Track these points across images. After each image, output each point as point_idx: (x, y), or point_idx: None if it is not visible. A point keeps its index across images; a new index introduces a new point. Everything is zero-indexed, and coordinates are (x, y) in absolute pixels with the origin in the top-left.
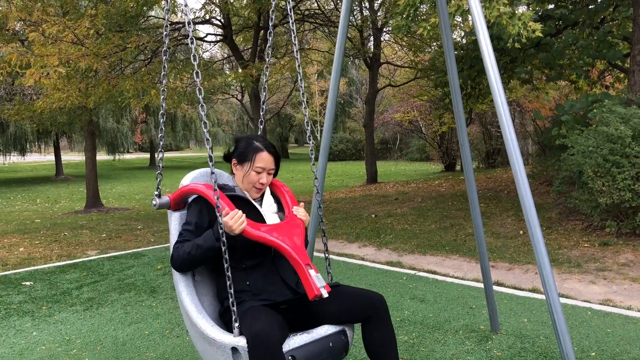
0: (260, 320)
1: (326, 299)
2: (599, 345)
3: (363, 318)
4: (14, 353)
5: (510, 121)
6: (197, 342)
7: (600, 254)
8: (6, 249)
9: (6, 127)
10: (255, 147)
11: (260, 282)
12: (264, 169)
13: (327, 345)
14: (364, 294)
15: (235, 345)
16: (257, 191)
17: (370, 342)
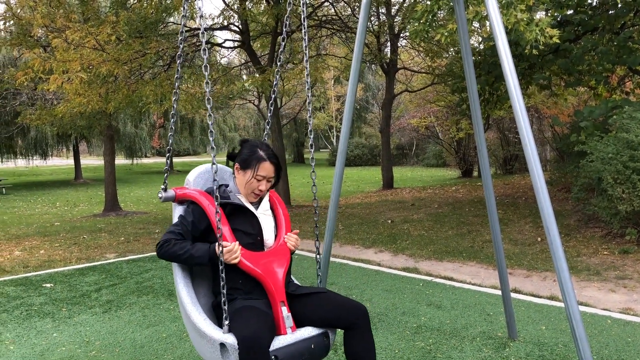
0: (251, 324)
1: (313, 302)
2: (619, 355)
3: (345, 325)
4: (35, 353)
5: (528, 127)
6: (190, 332)
7: (620, 262)
8: (27, 251)
9: (27, 131)
10: (258, 156)
11: (252, 282)
12: (265, 177)
13: (309, 346)
14: (348, 304)
15: (224, 342)
16: (256, 197)
17: (351, 349)
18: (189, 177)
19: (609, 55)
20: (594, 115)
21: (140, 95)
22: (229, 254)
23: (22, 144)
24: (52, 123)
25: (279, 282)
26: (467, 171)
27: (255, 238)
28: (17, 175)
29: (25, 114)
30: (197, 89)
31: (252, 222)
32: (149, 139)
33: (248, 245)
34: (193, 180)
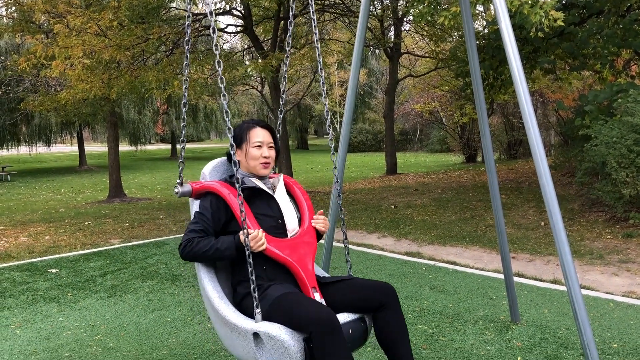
0: (316, 306)
1: (341, 289)
2: (621, 337)
3: (376, 306)
4: (41, 337)
5: (532, 111)
6: (219, 327)
7: (623, 246)
8: (32, 237)
9: (31, 118)
10: (246, 126)
11: (275, 269)
12: (263, 143)
13: (347, 332)
14: (376, 285)
15: (257, 331)
16: (264, 166)
17: (384, 330)
18: (204, 170)
19: (614, 38)
20: (598, 99)
21: (143, 81)
22: (254, 240)
23: (26, 131)
24: (56, 109)
25: (309, 268)
26: (470, 156)
27: (277, 221)
28: (22, 162)
29: (28, 100)
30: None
31: (270, 205)
32: (152, 126)
33: (271, 228)
34: (209, 174)
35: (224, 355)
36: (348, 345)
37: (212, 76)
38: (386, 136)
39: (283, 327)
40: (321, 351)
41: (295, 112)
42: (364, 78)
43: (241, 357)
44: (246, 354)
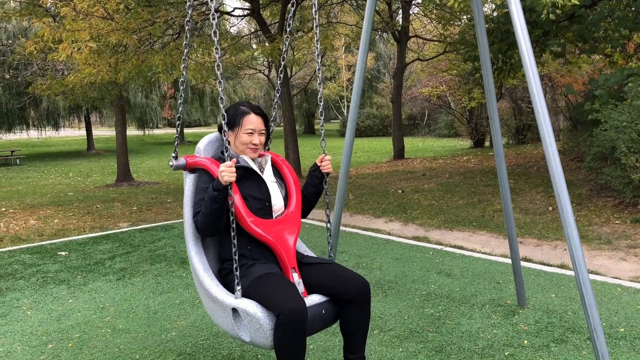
0: (289, 294)
1: (318, 272)
2: (628, 322)
3: (347, 299)
4: (51, 319)
5: (541, 94)
6: (203, 297)
7: (631, 231)
8: (42, 221)
9: (39, 102)
10: (241, 111)
11: (260, 249)
12: (254, 130)
13: (320, 312)
14: (353, 278)
15: (236, 307)
16: (252, 151)
17: (347, 320)
18: (199, 145)
19: (626, 21)
20: (609, 83)
21: (150, 65)
22: (226, 169)
23: (34, 115)
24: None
25: (291, 249)
26: (478, 141)
27: (264, 203)
28: (31, 147)
29: (36, 84)
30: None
31: (260, 187)
32: (160, 110)
33: (258, 210)
34: (203, 148)
35: (231, 337)
36: (319, 325)
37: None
38: (393, 121)
39: (259, 306)
40: (279, 333)
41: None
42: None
43: (220, 325)
44: (225, 325)
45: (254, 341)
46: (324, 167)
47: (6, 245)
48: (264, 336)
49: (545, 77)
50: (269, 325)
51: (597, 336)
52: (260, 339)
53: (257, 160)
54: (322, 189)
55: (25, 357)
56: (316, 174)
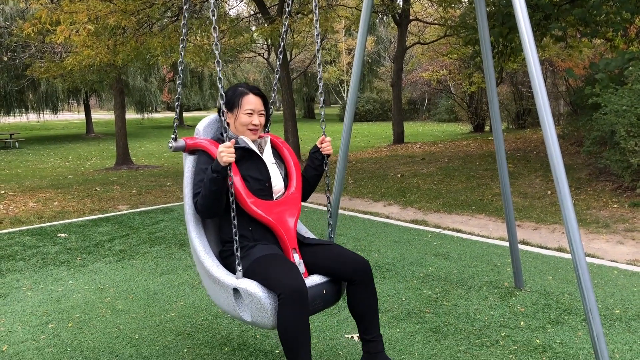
0: (290, 273)
1: (319, 253)
2: (624, 304)
3: (347, 279)
4: (51, 299)
5: (541, 78)
6: (204, 279)
7: (629, 215)
8: (41, 203)
9: (38, 85)
10: (240, 92)
11: (261, 230)
12: (254, 111)
13: (321, 292)
14: (350, 258)
15: (237, 287)
16: (252, 133)
17: (354, 303)
18: (199, 126)
19: (628, 4)
20: (609, 67)
21: (149, 48)
22: (225, 149)
23: (32, 98)
24: (62, 76)
25: (291, 230)
26: (478, 126)
27: (264, 184)
28: (29, 130)
29: (35, 67)
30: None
31: (260, 168)
32: (159, 93)
33: (257, 191)
34: (202, 130)
35: (230, 318)
36: (320, 305)
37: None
38: (394, 105)
39: (260, 286)
40: (281, 314)
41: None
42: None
43: (222, 307)
44: (226, 305)
45: (255, 321)
46: (324, 148)
47: (6, 227)
48: (265, 316)
49: (546, 62)
50: (270, 304)
51: (592, 317)
52: (262, 319)
53: (257, 142)
54: (323, 171)
55: (26, 337)
56: (316, 156)
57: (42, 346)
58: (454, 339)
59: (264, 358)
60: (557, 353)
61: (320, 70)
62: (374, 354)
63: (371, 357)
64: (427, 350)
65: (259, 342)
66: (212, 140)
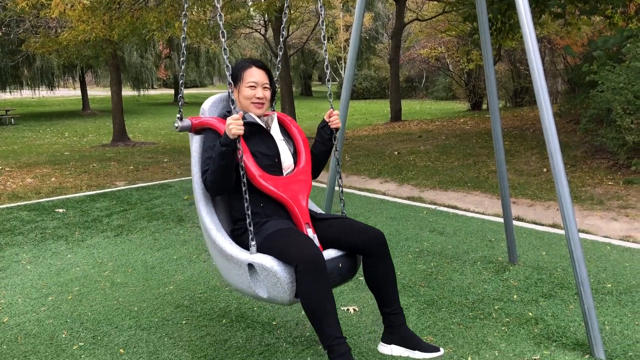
0: (305, 244)
1: (333, 227)
2: (616, 278)
3: (363, 251)
4: (51, 273)
5: (538, 53)
6: (216, 258)
7: (624, 192)
8: (38, 179)
9: (32, 60)
10: (242, 65)
11: (272, 206)
12: (257, 84)
13: (337, 265)
14: (366, 231)
15: (252, 262)
16: (257, 106)
17: (371, 275)
18: (204, 106)
19: None
20: (608, 44)
21: (144, 23)
22: (234, 121)
23: (27, 74)
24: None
25: (303, 205)
26: (476, 104)
27: (273, 160)
28: (25, 106)
29: (29, 42)
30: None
31: (268, 143)
32: (155, 70)
33: (267, 167)
34: (208, 109)
35: (228, 290)
36: (337, 279)
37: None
38: (391, 82)
39: (276, 260)
40: (301, 285)
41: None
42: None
43: (237, 286)
44: (241, 283)
45: (271, 297)
46: (333, 122)
47: (4, 202)
48: (282, 290)
49: (544, 39)
50: (286, 278)
51: (583, 290)
52: (279, 294)
53: (263, 119)
54: (332, 145)
55: (26, 309)
56: (325, 131)
57: (42, 318)
58: (447, 312)
59: (261, 329)
60: (549, 325)
61: (325, 43)
62: (397, 326)
63: (393, 331)
64: (421, 322)
65: (256, 314)
66: (219, 117)
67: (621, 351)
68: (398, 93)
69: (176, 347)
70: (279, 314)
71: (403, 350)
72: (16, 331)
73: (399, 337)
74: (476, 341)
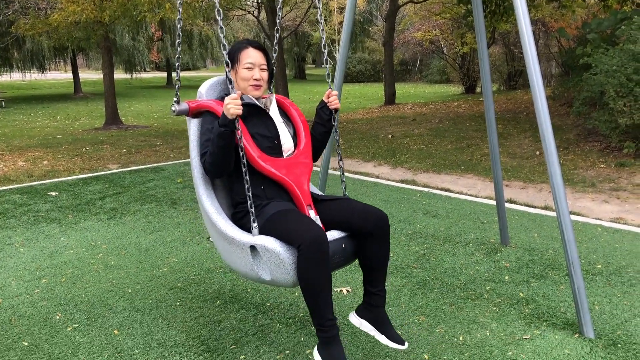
0: (308, 224)
1: (336, 208)
2: (606, 259)
3: (366, 233)
4: (44, 255)
5: (531, 35)
6: (218, 242)
7: (615, 175)
8: (30, 162)
9: (23, 42)
10: (238, 46)
11: (273, 188)
12: (254, 64)
13: (341, 246)
14: (370, 212)
15: (254, 244)
16: (254, 88)
17: (368, 256)
18: (201, 89)
19: None
20: (602, 27)
21: (135, 4)
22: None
23: (18, 56)
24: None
25: (304, 187)
26: (470, 87)
27: (273, 141)
28: (15, 89)
29: (19, 23)
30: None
31: (267, 125)
32: (147, 52)
33: (267, 149)
34: (205, 92)
35: (222, 272)
36: (341, 260)
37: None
38: (385, 65)
39: (278, 241)
40: (303, 266)
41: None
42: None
43: (239, 269)
44: (243, 266)
45: (274, 279)
46: (332, 103)
47: None
48: (285, 272)
49: (538, 22)
50: (289, 259)
51: (574, 270)
52: (282, 275)
53: (261, 101)
54: (332, 127)
55: (20, 291)
56: (324, 111)
57: (36, 300)
58: (439, 292)
59: (255, 310)
60: (540, 305)
61: (322, 22)
62: (375, 307)
63: (371, 309)
64: (413, 303)
65: (250, 296)
66: (217, 100)
67: (610, 330)
68: (392, 77)
69: (170, 328)
70: (273, 295)
71: (371, 329)
72: (10, 313)
73: (372, 317)
74: (467, 321)
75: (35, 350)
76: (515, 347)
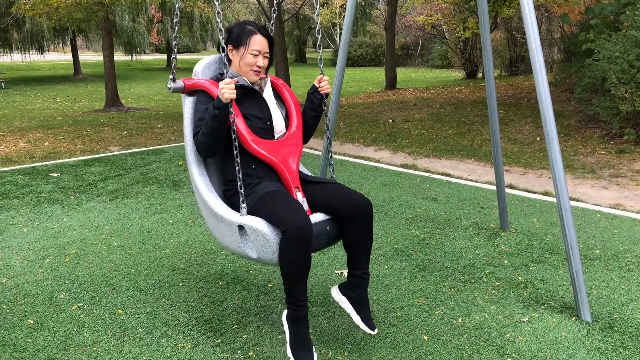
0: (295, 209)
1: (322, 191)
2: (604, 244)
3: (350, 217)
4: (47, 236)
5: (535, 20)
6: (208, 219)
7: (615, 161)
8: (32, 143)
9: (22, 23)
10: (249, 30)
11: (264, 168)
12: (260, 52)
13: (325, 228)
14: (354, 198)
15: (242, 224)
16: (255, 74)
17: (351, 239)
18: (197, 68)
19: None
20: (605, 12)
21: None
22: (226, 86)
23: (17, 37)
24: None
25: (293, 169)
26: (471, 72)
27: (265, 123)
28: (15, 70)
29: (19, 4)
30: None
31: (261, 106)
32: (147, 34)
33: (259, 130)
34: (201, 71)
35: (224, 254)
36: (325, 241)
37: None
38: (387, 49)
39: (265, 222)
40: (285, 249)
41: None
42: None
43: (228, 246)
44: (232, 244)
45: (260, 257)
46: (323, 88)
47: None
48: (271, 251)
49: (541, 7)
50: (275, 240)
51: (572, 254)
52: (267, 255)
53: (257, 83)
54: (322, 111)
55: (24, 270)
56: (315, 96)
57: (40, 279)
58: (439, 276)
59: (257, 291)
60: (538, 289)
61: (318, 7)
62: (357, 288)
63: (353, 289)
64: (413, 285)
65: (252, 277)
66: (211, 80)
67: (607, 314)
68: (393, 61)
69: (173, 308)
70: (275, 276)
71: (349, 307)
72: (15, 292)
73: (353, 296)
74: (467, 304)
75: (41, 328)
76: (513, 329)
